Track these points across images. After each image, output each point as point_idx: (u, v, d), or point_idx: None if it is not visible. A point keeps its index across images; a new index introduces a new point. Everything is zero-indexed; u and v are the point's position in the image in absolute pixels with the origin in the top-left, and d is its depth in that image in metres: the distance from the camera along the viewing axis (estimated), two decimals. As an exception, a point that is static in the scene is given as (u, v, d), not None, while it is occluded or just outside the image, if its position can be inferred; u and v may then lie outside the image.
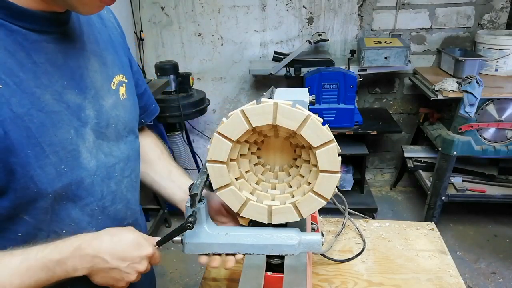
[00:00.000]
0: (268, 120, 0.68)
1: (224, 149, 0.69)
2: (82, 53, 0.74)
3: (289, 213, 0.73)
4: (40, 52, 0.65)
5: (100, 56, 0.79)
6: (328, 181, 0.70)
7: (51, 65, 0.67)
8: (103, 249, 0.69)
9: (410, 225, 1.31)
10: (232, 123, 0.68)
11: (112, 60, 0.82)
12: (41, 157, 0.65)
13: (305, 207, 0.72)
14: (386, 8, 3.04)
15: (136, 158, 0.90)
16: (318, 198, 0.71)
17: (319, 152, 0.68)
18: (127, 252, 0.71)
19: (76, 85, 0.71)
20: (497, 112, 2.48)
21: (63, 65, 0.69)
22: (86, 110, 0.73)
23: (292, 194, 0.76)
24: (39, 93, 0.64)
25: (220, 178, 0.72)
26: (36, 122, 0.63)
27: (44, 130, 0.65)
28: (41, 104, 0.64)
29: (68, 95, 0.69)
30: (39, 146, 0.64)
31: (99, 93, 0.76)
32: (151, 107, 1.03)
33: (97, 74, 0.76)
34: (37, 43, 0.65)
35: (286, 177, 0.80)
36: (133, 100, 0.89)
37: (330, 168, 0.69)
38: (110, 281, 0.72)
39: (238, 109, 0.68)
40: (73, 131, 0.70)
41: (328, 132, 0.67)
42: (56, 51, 0.68)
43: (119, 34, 0.89)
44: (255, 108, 0.68)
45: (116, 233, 0.72)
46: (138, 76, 0.97)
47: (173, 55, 3.28)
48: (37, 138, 0.64)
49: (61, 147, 0.68)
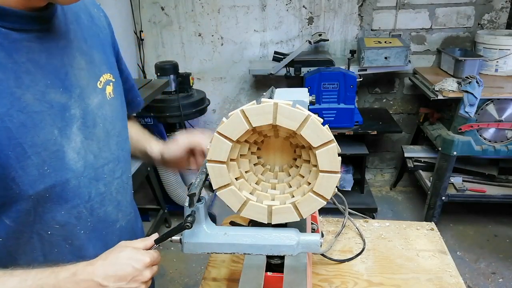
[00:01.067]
0: (268, 120, 0.68)
1: (224, 149, 0.69)
2: (67, 51, 0.72)
3: (289, 213, 0.73)
4: (21, 51, 0.64)
5: (87, 54, 0.77)
6: (328, 181, 0.70)
7: (33, 65, 0.65)
8: (97, 273, 0.67)
9: (410, 225, 1.31)
10: (232, 123, 0.68)
11: (99, 59, 0.81)
12: (22, 158, 0.63)
13: (305, 207, 0.72)
14: (386, 8, 3.04)
15: (127, 159, 0.89)
16: (318, 198, 0.71)
17: (319, 152, 0.68)
18: (123, 270, 0.69)
19: (61, 84, 0.70)
20: (497, 112, 2.48)
21: (46, 64, 0.68)
22: (71, 109, 0.71)
23: (292, 194, 0.76)
24: (19, 93, 0.63)
25: (220, 178, 0.72)
26: (16, 123, 0.62)
27: (25, 130, 0.63)
28: (22, 104, 0.63)
29: (52, 95, 0.68)
30: (20, 146, 0.63)
31: (85, 92, 0.75)
32: (136, 100, 1.04)
33: (82, 72, 0.75)
34: (18, 42, 0.63)
35: (286, 177, 0.80)
36: (120, 99, 0.87)
37: (330, 168, 0.69)
38: None
39: (238, 109, 0.68)
40: (56, 131, 0.68)
41: (328, 132, 0.67)
42: (39, 50, 0.67)
43: (108, 34, 0.88)
44: (255, 108, 0.67)
45: (107, 256, 0.71)
46: (127, 73, 0.98)
47: (173, 55, 3.28)
48: (18, 139, 0.62)
49: (44, 148, 0.66)
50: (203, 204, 0.75)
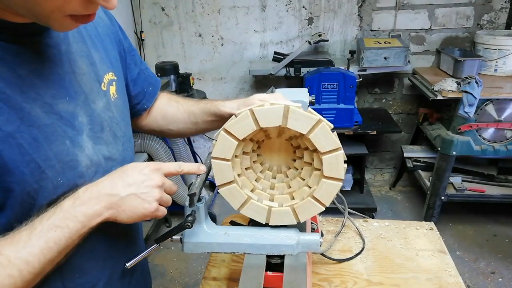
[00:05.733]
0: (278, 122, 0.67)
1: (230, 147, 0.70)
2: (69, 56, 0.70)
3: (287, 216, 0.74)
4: (24, 64, 0.62)
5: (87, 56, 0.75)
6: (329, 187, 0.70)
7: (36, 77, 0.64)
8: (103, 186, 0.66)
9: (410, 225, 1.31)
10: (240, 122, 0.68)
11: (100, 58, 0.78)
12: (37, 173, 0.62)
13: (303, 212, 0.73)
14: (386, 8, 3.05)
15: (132, 158, 0.89)
16: (317, 204, 0.71)
17: (326, 158, 0.68)
18: (130, 176, 0.67)
19: (66, 92, 0.68)
20: (496, 112, 2.48)
21: (50, 74, 0.66)
22: (78, 117, 0.70)
23: (292, 195, 0.76)
24: (28, 108, 0.61)
25: (224, 175, 0.72)
26: (27, 138, 0.61)
27: (37, 145, 0.62)
28: (32, 119, 0.62)
29: (60, 105, 0.67)
30: (34, 162, 0.62)
31: (89, 97, 0.73)
32: (148, 90, 1.00)
33: (85, 76, 0.73)
34: (19, 55, 0.62)
35: (285, 178, 0.80)
36: (123, 98, 0.86)
37: (334, 175, 0.69)
38: (136, 211, 0.67)
39: (247, 108, 0.68)
40: (68, 142, 0.67)
41: (336, 139, 0.67)
42: (41, 60, 0.65)
43: (106, 25, 0.84)
44: (265, 109, 0.67)
45: (110, 174, 0.69)
46: (133, 56, 0.94)
47: (174, 55, 3.29)
48: (31, 155, 0.61)
49: (58, 160, 0.65)
50: (203, 203, 0.75)
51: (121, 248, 0.84)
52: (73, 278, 0.74)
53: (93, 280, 0.78)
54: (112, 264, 0.82)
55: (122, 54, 0.90)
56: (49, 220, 0.61)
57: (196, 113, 1.00)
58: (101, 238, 0.78)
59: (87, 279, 0.76)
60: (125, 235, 0.85)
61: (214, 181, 0.83)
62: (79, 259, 0.74)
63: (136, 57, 0.96)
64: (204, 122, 1.00)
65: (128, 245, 0.87)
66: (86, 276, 0.76)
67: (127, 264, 0.74)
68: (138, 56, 0.98)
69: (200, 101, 1.03)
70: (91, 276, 0.77)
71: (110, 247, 0.81)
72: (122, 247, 0.84)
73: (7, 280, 0.56)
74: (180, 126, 1.03)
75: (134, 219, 0.68)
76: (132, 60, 0.94)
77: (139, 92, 0.97)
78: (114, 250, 0.82)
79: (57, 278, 0.71)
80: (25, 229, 0.60)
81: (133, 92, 0.96)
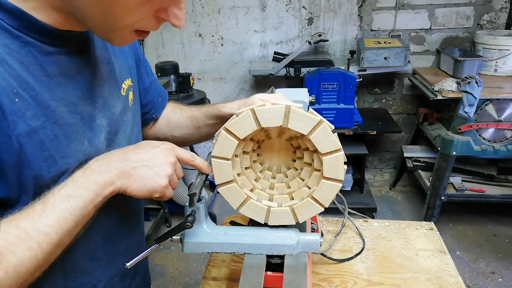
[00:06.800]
0: (279, 122, 0.67)
1: (230, 146, 0.70)
2: (94, 62, 0.73)
3: (286, 217, 0.74)
4: (54, 64, 0.64)
5: (109, 62, 0.78)
6: (329, 188, 0.70)
7: (64, 77, 0.66)
8: (114, 157, 0.67)
9: (410, 225, 1.31)
10: (241, 121, 0.68)
11: (120, 65, 0.81)
12: (53, 169, 0.63)
13: (302, 212, 0.73)
14: (386, 8, 3.05)
15: None
16: (316, 204, 0.71)
17: (326, 159, 0.68)
18: (140, 148, 0.69)
19: (89, 95, 0.71)
20: (496, 112, 2.48)
21: (76, 75, 0.68)
22: (97, 119, 0.72)
23: (291, 195, 0.76)
24: (54, 106, 0.63)
25: (223, 174, 0.72)
26: (50, 135, 0.62)
27: (58, 142, 0.64)
28: (56, 117, 0.63)
29: (82, 106, 0.69)
30: (52, 158, 0.63)
31: (109, 102, 0.75)
32: (158, 100, 1.01)
33: (105, 82, 0.75)
34: (51, 55, 0.64)
35: (285, 178, 0.80)
36: (138, 104, 0.89)
37: (334, 176, 0.69)
38: (147, 184, 0.67)
39: (249, 108, 0.68)
40: (86, 142, 0.69)
41: (337, 141, 0.67)
42: (70, 62, 0.67)
43: None
44: (266, 109, 0.67)
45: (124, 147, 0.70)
46: (146, 67, 0.96)
47: (174, 55, 3.29)
48: (51, 151, 0.63)
49: (74, 159, 0.66)
50: (203, 203, 0.75)
51: (123, 250, 0.84)
52: (75, 278, 0.74)
53: (94, 280, 0.78)
54: (114, 265, 0.82)
55: (138, 62, 0.93)
56: (61, 191, 0.61)
57: (198, 117, 1.01)
58: (106, 238, 0.79)
59: (88, 279, 0.77)
60: (128, 236, 0.86)
61: (214, 181, 0.83)
62: (83, 259, 0.75)
63: (148, 68, 0.99)
64: (206, 126, 1.01)
65: (131, 247, 0.87)
66: (88, 276, 0.77)
67: (127, 264, 0.74)
68: (149, 67, 1.00)
69: (202, 106, 1.04)
70: (92, 277, 0.78)
71: (113, 248, 0.81)
72: (125, 249, 0.85)
73: (28, 253, 0.56)
74: (183, 131, 1.04)
75: (143, 192, 0.67)
76: (144, 70, 0.97)
77: (149, 101, 0.99)
78: (117, 251, 0.82)
79: (59, 277, 0.71)
80: (39, 203, 0.60)
81: (144, 101, 0.98)
